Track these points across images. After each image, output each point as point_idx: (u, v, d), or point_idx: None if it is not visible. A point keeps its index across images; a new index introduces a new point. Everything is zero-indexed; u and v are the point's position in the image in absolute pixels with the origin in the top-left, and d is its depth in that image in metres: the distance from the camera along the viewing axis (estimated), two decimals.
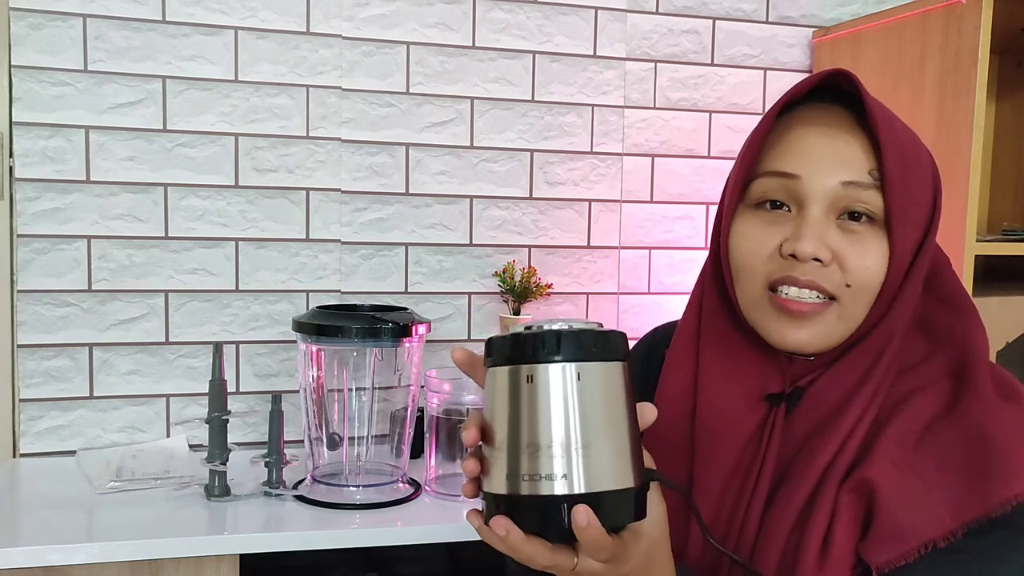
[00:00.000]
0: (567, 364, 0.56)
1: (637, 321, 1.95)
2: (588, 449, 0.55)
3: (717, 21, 1.97)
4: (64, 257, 1.65)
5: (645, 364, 0.86)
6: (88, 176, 1.65)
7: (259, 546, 1.32)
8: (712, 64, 1.97)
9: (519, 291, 1.78)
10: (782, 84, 1.98)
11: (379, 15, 1.77)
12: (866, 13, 1.97)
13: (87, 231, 1.66)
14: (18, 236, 1.63)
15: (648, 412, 0.61)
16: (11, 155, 1.62)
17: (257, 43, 1.71)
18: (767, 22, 1.99)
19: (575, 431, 0.55)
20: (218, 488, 1.44)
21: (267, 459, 1.46)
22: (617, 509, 0.56)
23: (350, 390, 1.55)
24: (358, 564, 1.55)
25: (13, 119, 1.62)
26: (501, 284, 1.81)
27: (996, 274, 1.94)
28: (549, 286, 1.83)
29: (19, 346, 1.65)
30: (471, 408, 1.54)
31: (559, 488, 0.55)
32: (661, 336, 0.87)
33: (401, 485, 1.53)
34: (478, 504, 0.60)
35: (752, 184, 0.72)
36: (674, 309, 1.95)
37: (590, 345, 0.56)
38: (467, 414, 1.50)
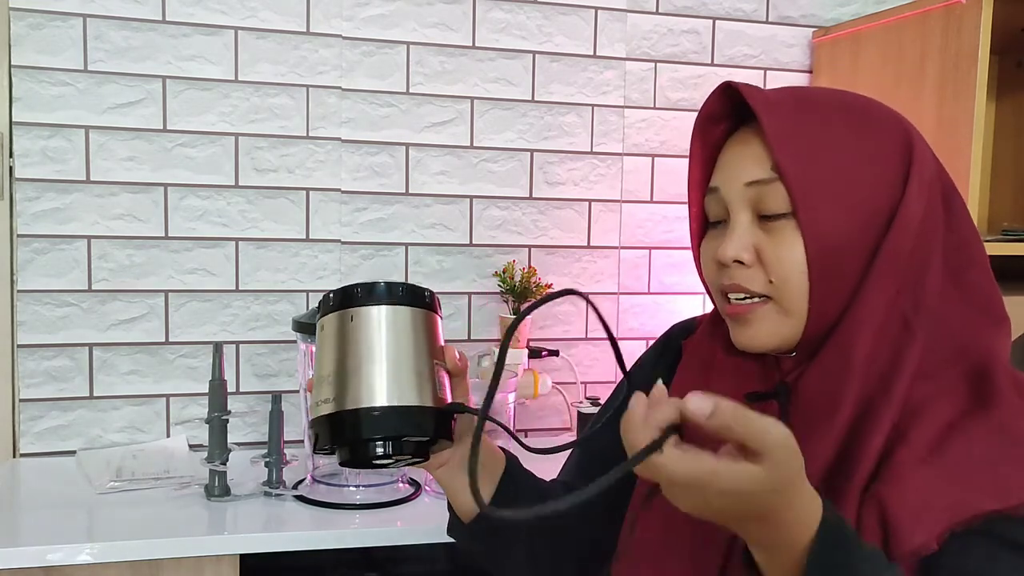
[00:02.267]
0: (343, 311, 0.72)
1: (637, 321, 1.95)
2: (356, 375, 0.69)
3: (717, 21, 1.97)
4: (64, 257, 1.65)
5: (658, 358, 0.90)
6: (88, 176, 1.65)
7: (259, 546, 1.32)
8: (712, 64, 1.97)
9: (519, 291, 1.78)
10: (782, 84, 1.98)
11: (379, 15, 1.77)
12: (866, 13, 1.97)
13: (87, 231, 1.66)
14: (18, 236, 1.63)
15: (449, 352, 0.74)
16: (11, 155, 1.62)
17: (257, 43, 1.71)
18: (767, 22, 1.99)
19: (347, 361, 0.70)
20: (218, 488, 1.44)
21: (267, 459, 1.46)
22: (401, 423, 0.69)
23: None
24: (358, 564, 1.55)
25: (13, 119, 1.62)
26: (501, 284, 1.81)
27: (996, 274, 1.94)
28: (549, 286, 1.83)
29: (19, 346, 1.65)
30: None
31: (330, 408, 0.69)
32: (678, 332, 0.90)
33: (401, 485, 1.53)
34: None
35: (704, 204, 0.77)
36: (674, 309, 1.95)
37: (365, 295, 0.71)
38: None
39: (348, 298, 0.72)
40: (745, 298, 0.72)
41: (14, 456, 1.66)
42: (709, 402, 0.52)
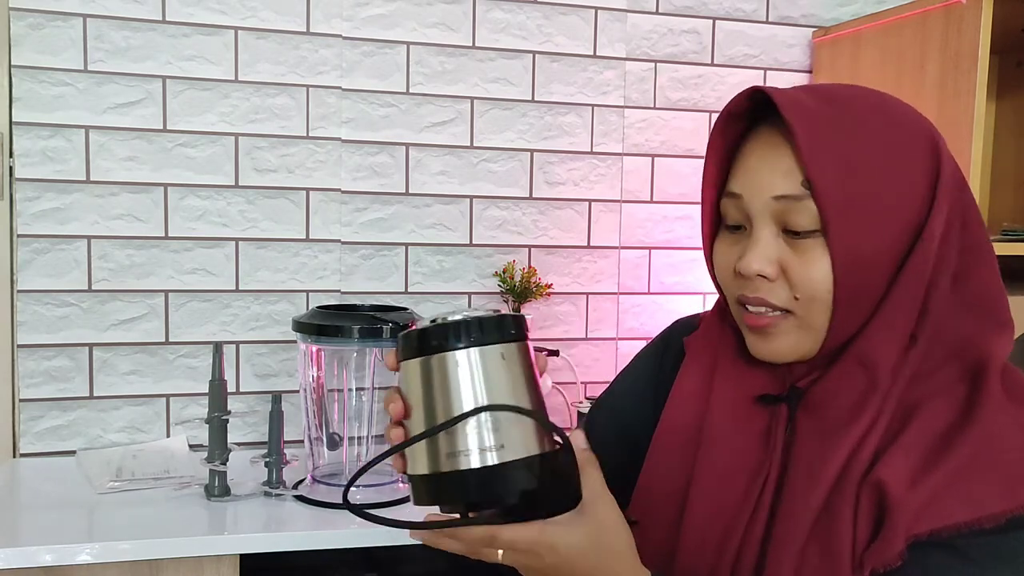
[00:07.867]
0: (469, 350, 0.62)
1: (637, 321, 1.95)
2: (496, 423, 0.61)
3: (717, 21, 1.97)
4: (64, 257, 1.65)
5: (659, 358, 0.88)
6: (88, 176, 1.65)
7: (259, 546, 1.32)
8: (712, 64, 1.97)
9: (519, 291, 1.78)
10: (782, 84, 1.98)
11: (379, 15, 1.77)
12: (866, 13, 1.97)
13: (87, 231, 1.66)
14: (18, 236, 1.63)
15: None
16: (11, 155, 1.62)
17: (257, 43, 1.71)
18: (767, 22, 1.99)
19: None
20: (218, 488, 1.44)
21: (267, 459, 1.46)
22: (528, 474, 0.62)
23: (350, 390, 1.55)
24: (358, 564, 1.55)
25: (13, 119, 1.62)
26: (501, 284, 1.81)
27: None
28: (549, 286, 1.83)
29: (19, 346, 1.65)
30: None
31: (475, 461, 0.61)
32: (678, 330, 0.88)
33: (401, 485, 1.53)
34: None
35: (720, 204, 0.74)
36: (675, 309, 1.95)
37: (488, 330, 0.62)
38: None
39: (430, 340, 0.63)
40: (765, 310, 0.70)
41: (14, 456, 1.66)
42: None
